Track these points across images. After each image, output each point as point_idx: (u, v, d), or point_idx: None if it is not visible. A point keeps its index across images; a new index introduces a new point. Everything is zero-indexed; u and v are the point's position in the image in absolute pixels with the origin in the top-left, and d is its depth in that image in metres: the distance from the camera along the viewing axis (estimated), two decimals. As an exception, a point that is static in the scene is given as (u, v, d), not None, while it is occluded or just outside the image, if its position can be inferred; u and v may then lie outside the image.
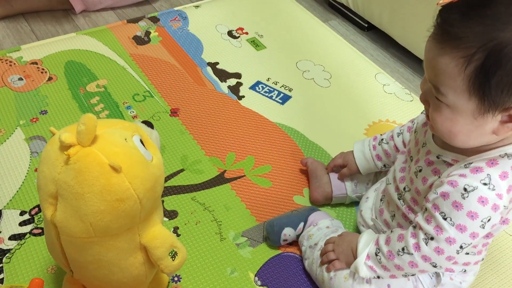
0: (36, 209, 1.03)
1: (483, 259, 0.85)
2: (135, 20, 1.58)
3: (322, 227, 0.95)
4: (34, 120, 1.23)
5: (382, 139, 0.99)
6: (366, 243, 0.82)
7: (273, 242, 0.98)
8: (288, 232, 0.96)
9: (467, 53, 0.62)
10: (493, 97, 0.63)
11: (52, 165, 0.67)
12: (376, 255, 0.80)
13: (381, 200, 0.93)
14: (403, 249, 0.76)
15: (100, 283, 0.77)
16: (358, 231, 0.98)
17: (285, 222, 0.97)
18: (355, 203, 1.08)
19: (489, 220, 0.70)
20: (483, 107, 0.64)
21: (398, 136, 0.96)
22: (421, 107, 1.23)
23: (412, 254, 0.75)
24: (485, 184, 0.69)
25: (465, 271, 0.84)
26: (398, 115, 1.33)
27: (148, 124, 0.81)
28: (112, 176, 0.65)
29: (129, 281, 0.76)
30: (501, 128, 0.67)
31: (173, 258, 0.75)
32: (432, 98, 0.69)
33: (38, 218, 1.01)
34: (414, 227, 0.77)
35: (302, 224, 0.97)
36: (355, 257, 0.83)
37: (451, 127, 0.69)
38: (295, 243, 0.99)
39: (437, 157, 0.77)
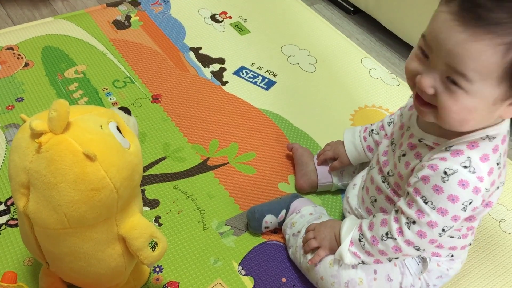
0: (12, 199, 0.99)
1: (470, 243, 0.84)
2: (115, 4, 1.53)
3: (305, 214, 0.93)
4: (10, 107, 1.18)
5: (372, 130, 0.97)
6: (349, 229, 0.81)
7: (254, 229, 0.96)
8: (269, 219, 0.95)
9: (508, 39, 0.58)
10: None
11: (23, 153, 0.64)
12: (360, 241, 0.79)
13: (362, 188, 0.91)
14: (386, 234, 0.75)
15: (77, 276, 0.75)
16: (344, 218, 0.97)
17: (267, 209, 0.95)
18: (341, 191, 1.06)
19: (470, 203, 0.69)
20: (508, 94, 0.62)
21: (389, 126, 0.94)
22: (408, 91, 1.21)
23: (395, 239, 0.74)
24: (465, 167, 0.68)
25: (452, 256, 0.83)
26: (384, 100, 1.31)
27: (125, 110, 0.78)
28: (86, 164, 0.62)
29: (108, 272, 0.74)
30: (507, 111, 0.65)
31: (153, 249, 0.73)
32: (443, 84, 0.65)
33: (14, 209, 0.98)
34: (397, 211, 0.76)
35: (284, 211, 0.95)
36: (338, 243, 0.81)
37: (467, 115, 0.65)
38: (279, 231, 0.97)
39: (419, 140, 0.76)
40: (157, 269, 0.91)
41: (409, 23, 1.39)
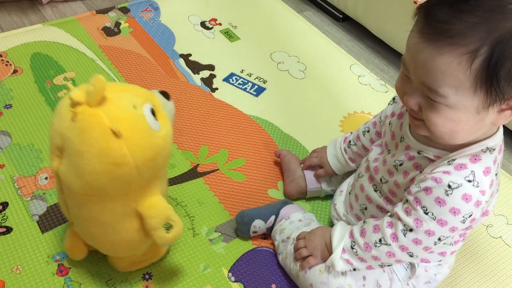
0: (0, 207, 0.98)
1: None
2: (104, 11, 1.53)
3: (294, 220, 0.93)
4: (-2, 114, 1.18)
5: (350, 141, 0.98)
6: (340, 237, 0.81)
7: (242, 233, 0.97)
8: (258, 224, 0.95)
9: (471, 48, 0.59)
10: (501, 89, 0.61)
11: (61, 119, 0.68)
12: (352, 248, 0.79)
13: (349, 194, 0.92)
14: (380, 240, 0.75)
15: (95, 240, 0.81)
16: (332, 225, 0.97)
17: (256, 214, 0.95)
18: (330, 196, 1.06)
19: (470, 215, 0.69)
20: (488, 100, 0.62)
21: (364, 135, 0.95)
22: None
23: (389, 244, 0.74)
24: (469, 181, 0.68)
25: (440, 261, 0.84)
26: (373, 106, 1.32)
27: (165, 94, 0.80)
28: (111, 140, 0.66)
29: (122, 243, 0.79)
30: (499, 118, 0.66)
31: (168, 231, 0.76)
32: (426, 101, 0.66)
33: (3, 217, 0.97)
34: (391, 216, 0.76)
35: (273, 217, 0.95)
36: (329, 251, 0.81)
37: (454, 127, 0.66)
38: (269, 237, 0.98)
39: (418, 152, 0.76)
40: (147, 276, 0.90)
41: (397, 30, 1.40)
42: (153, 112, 0.72)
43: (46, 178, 1.04)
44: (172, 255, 0.94)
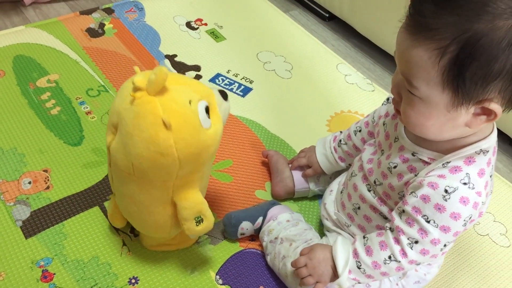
0: (-18, 212, 0.97)
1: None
2: (88, 12, 1.51)
3: (282, 221, 0.93)
4: (-20, 118, 1.16)
5: (340, 140, 0.97)
6: (345, 262, 0.78)
7: (229, 235, 0.96)
8: (245, 226, 0.94)
9: (441, 44, 0.60)
10: (467, 90, 0.61)
11: (121, 99, 0.73)
12: (359, 268, 0.76)
13: (341, 192, 0.91)
14: (389, 257, 0.74)
15: (130, 216, 0.86)
16: (321, 225, 0.97)
17: (243, 215, 0.95)
18: (318, 196, 1.06)
19: (470, 217, 0.69)
20: (456, 100, 0.63)
21: (355, 135, 0.94)
22: (383, 97, 1.22)
23: (399, 261, 0.73)
24: (465, 183, 0.68)
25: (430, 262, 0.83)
26: (360, 105, 1.32)
27: (223, 94, 0.81)
28: (161, 130, 0.70)
29: (154, 225, 0.84)
30: (474, 121, 0.66)
31: (198, 224, 0.80)
32: (404, 91, 0.68)
33: (-15, 223, 0.95)
34: (392, 230, 0.74)
35: (261, 218, 0.95)
36: (335, 274, 0.79)
37: (424, 121, 0.67)
38: (256, 238, 0.97)
39: (412, 154, 0.75)
40: (133, 281, 0.89)
41: (383, 29, 1.40)
42: (207, 110, 0.75)
43: (29, 183, 1.03)
44: (159, 258, 0.93)
